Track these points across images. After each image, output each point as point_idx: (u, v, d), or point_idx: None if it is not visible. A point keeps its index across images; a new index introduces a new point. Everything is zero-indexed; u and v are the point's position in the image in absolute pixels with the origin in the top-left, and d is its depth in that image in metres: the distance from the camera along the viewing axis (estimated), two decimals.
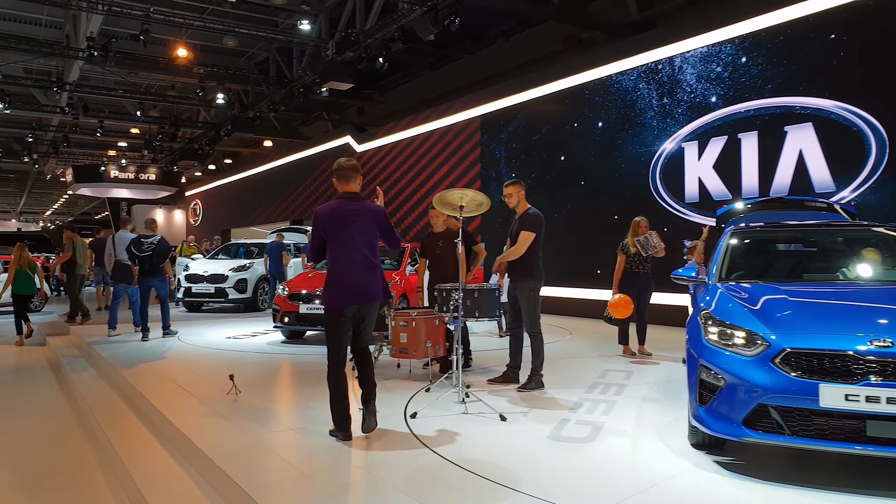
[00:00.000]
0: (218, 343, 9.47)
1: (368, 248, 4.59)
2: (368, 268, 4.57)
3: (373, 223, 4.62)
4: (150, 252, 9.63)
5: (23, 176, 41.16)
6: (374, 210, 4.69)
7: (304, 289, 9.17)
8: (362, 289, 4.54)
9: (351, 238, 4.51)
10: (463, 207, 5.59)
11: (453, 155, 16.09)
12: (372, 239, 4.63)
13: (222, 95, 19.77)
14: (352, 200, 4.64)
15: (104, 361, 8.13)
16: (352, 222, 4.54)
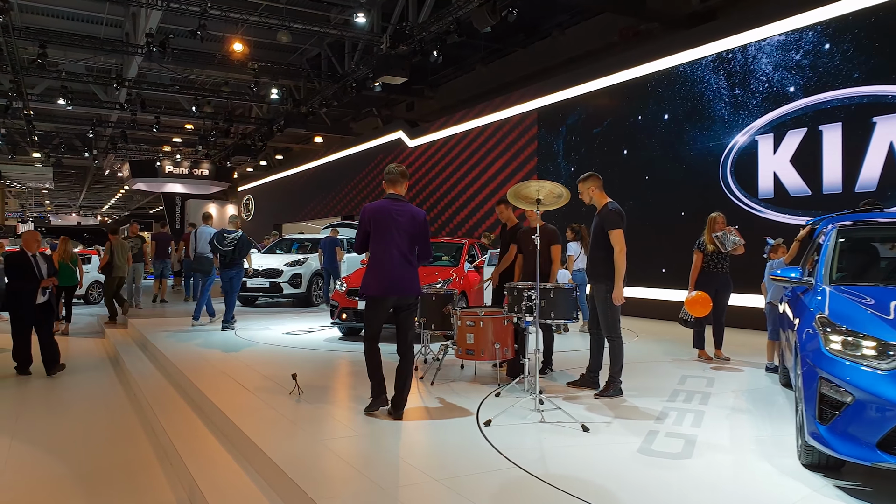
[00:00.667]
0: (275, 339, 9.29)
1: (407, 246, 4.97)
2: (405, 264, 4.96)
3: (412, 225, 4.99)
4: (231, 247, 10.01)
5: (83, 171, 42.25)
6: (415, 214, 5.05)
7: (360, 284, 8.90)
8: (398, 282, 4.94)
9: (391, 236, 4.92)
10: (540, 201, 5.20)
11: (509, 149, 15.69)
12: (410, 239, 4.99)
13: (276, 91, 19.73)
14: (397, 202, 5.05)
15: (162, 355, 8.01)
16: (394, 221, 4.94)
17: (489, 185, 16.30)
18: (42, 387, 7.39)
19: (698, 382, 6.38)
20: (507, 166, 15.68)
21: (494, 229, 15.69)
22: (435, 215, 18.41)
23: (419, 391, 5.89)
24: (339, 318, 8.95)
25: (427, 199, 18.81)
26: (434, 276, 9.03)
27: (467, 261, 10.03)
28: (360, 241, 5.08)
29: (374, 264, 5.01)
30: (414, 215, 5.03)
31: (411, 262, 5.02)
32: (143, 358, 8.70)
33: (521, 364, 5.72)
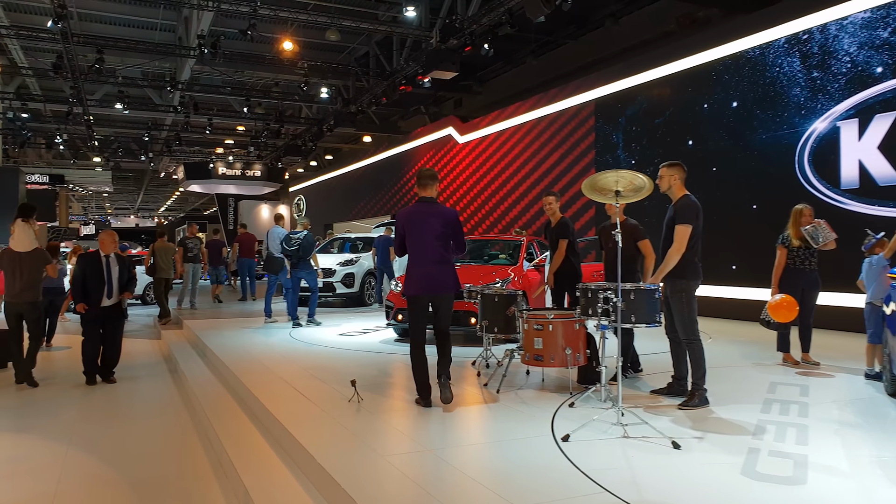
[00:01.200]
0: (329, 340, 8.99)
1: (441, 246, 5.22)
2: (441, 262, 5.22)
3: (444, 226, 5.23)
4: (296, 247, 10.24)
5: (140, 175, 43.17)
6: (445, 213, 5.31)
7: None
8: (434, 280, 5.21)
9: (425, 238, 5.19)
10: (619, 193, 4.71)
11: (564, 142, 15.13)
12: (444, 238, 5.23)
13: (326, 90, 19.57)
14: (427, 204, 5.33)
15: (216, 358, 7.79)
16: (426, 223, 5.21)
17: (544, 179, 15.77)
18: (98, 390, 7.24)
19: (790, 391, 5.79)
20: (563, 160, 15.13)
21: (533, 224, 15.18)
22: (486, 212, 17.96)
23: (485, 400, 5.47)
24: (394, 320, 8.61)
25: (478, 196, 18.37)
26: (491, 275, 8.59)
27: (526, 259, 9.56)
28: (399, 245, 5.39)
29: (411, 265, 5.30)
30: (445, 215, 5.30)
31: (447, 261, 5.28)
32: (198, 361, 8.51)
33: (597, 371, 5.25)
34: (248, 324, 11.16)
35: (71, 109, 22.08)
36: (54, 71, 18.73)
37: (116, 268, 7.42)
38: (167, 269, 12.23)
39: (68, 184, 34.47)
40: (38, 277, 7.57)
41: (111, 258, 7.43)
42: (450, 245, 5.29)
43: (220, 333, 9.82)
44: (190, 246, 13.22)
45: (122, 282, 7.48)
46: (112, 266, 7.40)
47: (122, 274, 7.46)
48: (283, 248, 10.43)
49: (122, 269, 7.50)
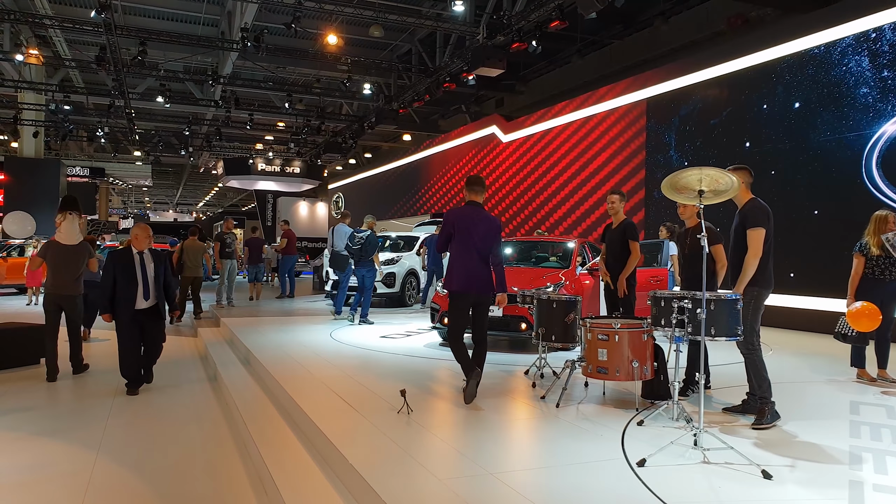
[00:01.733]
0: (372, 343, 8.69)
1: (485, 249, 5.51)
2: (483, 265, 5.50)
3: (489, 230, 5.53)
4: (360, 245, 10.38)
5: (179, 169, 43.63)
6: (492, 220, 5.65)
7: None
8: (478, 280, 5.47)
9: (472, 238, 5.45)
10: (703, 193, 4.30)
11: (614, 141, 14.65)
12: (487, 243, 5.51)
13: (368, 85, 19.33)
14: (476, 208, 5.62)
15: (255, 359, 7.53)
16: (475, 226, 5.49)
17: (591, 179, 15.30)
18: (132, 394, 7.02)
19: (876, 412, 5.31)
20: (612, 160, 14.64)
21: (599, 225, 14.69)
22: (530, 212, 17.54)
23: (544, 415, 5.10)
24: (440, 323, 8.26)
25: (521, 196, 17.96)
26: (542, 279, 8.22)
27: (579, 264, 9.14)
28: (444, 241, 5.59)
29: (456, 263, 5.52)
30: (491, 221, 5.62)
31: (487, 264, 5.53)
32: (236, 361, 8.27)
33: (666, 386, 4.86)
34: (287, 322, 10.94)
35: (112, 102, 22.23)
36: (97, 63, 18.79)
37: (151, 265, 6.70)
38: (196, 268, 12.16)
39: (108, 177, 34.88)
40: (82, 271, 7.43)
41: (145, 255, 6.70)
42: (489, 252, 5.53)
43: (258, 332, 9.59)
44: (228, 241, 13.07)
45: (159, 281, 6.75)
46: (147, 263, 6.68)
47: (157, 272, 6.73)
48: (348, 245, 10.54)
49: (158, 266, 6.77)
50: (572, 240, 9.61)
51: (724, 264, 5.68)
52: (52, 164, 27.26)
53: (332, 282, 13.55)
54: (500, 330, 7.96)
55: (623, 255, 6.59)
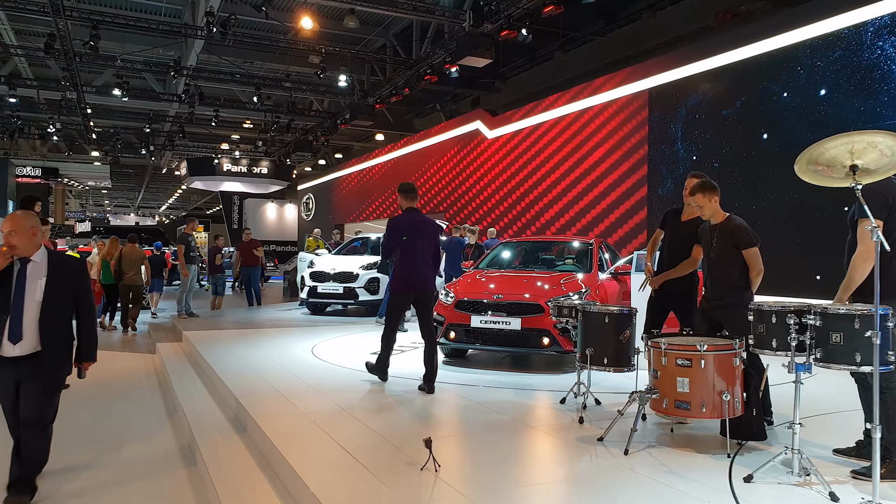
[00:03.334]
0: (360, 361, 7.35)
1: (429, 251, 5.97)
2: (428, 266, 5.96)
3: (431, 233, 6.04)
4: None
5: (141, 171, 41.53)
6: (432, 223, 6.18)
7: (477, 295, 6.90)
8: (422, 280, 5.90)
9: (417, 242, 5.87)
10: (858, 168, 3.09)
11: (612, 135, 13.51)
12: (431, 245, 6.00)
13: (344, 77, 17.96)
14: (417, 213, 6.12)
15: (224, 387, 6.14)
16: (419, 231, 5.94)
17: (587, 176, 14.13)
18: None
19: None
20: (611, 155, 13.50)
21: (596, 225, 13.54)
22: (519, 212, 16.32)
23: (612, 466, 3.83)
24: (444, 338, 6.96)
25: (509, 195, 16.73)
26: (559, 287, 6.94)
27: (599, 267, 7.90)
28: (391, 249, 5.99)
29: (403, 266, 5.90)
30: (431, 224, 6.18)
31: (431, 265, 6.01)
32: (200, 388, 6.86)
33: (761, 423, 3.68)
34: (258, 335, 9.53)
35: (64, 95, 20.44)
36: (45, 51, 17.16)
37: (40, 282, 3.69)
38: (135, 277, 11.40)
39: (63, 178, 32.75)
40: None
41: (32, 265, 3.70)
42: (433, 252, 6.04)
43: (226, 349, 8.18)
44: (192, 244, 11.59)
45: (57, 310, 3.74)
46: (31, 279, 3.68)
47: (51, 294, 3.70)
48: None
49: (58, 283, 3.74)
50: (588, 239, 8.39)
51: (761, 271, 4.52)
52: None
53: (307, 289, 12.14)
54: (518, 346, 6.71)
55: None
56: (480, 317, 6.67)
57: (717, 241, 4.59)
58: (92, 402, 6.58)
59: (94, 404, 6.53)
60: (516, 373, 6.80)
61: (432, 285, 6.02)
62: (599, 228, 13.58)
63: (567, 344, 6.42)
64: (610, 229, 13.26)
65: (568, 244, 8.61)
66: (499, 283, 7.11)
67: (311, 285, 12.04)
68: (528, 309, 6.58)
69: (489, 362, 7.44)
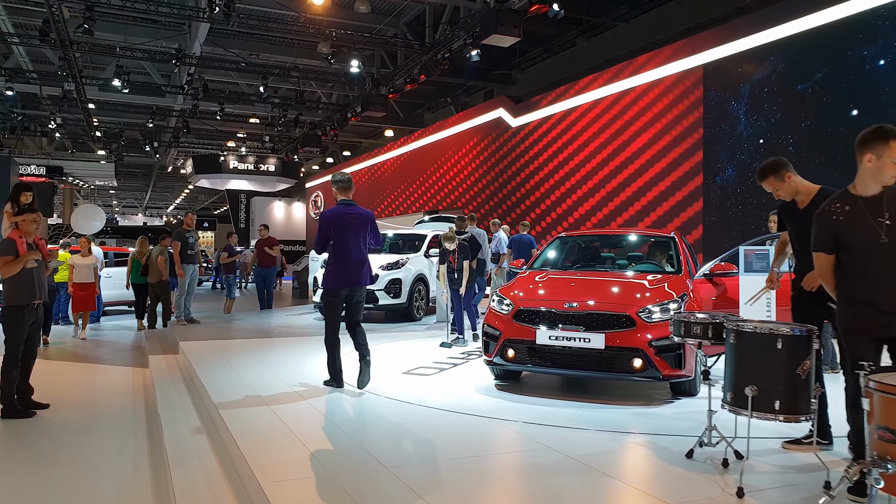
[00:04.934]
0: (395, 385, 5.74)
1: (361, 243, 5.60)
2: (361, 260, 5.56)
3: (363, 225, 5.61)
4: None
5: (147, 170, 40.05)
6: (366, 214, 5.71)
7: (544, 303, 5.27)
8: (355, 275, 5.53)
9: (348, 237, 5.51)
10: None
11: (659, 118, 11.87)
12: (364, 237, 5.62)
13: (356, 63, 16.32)
14: (350, 206, 5.67)
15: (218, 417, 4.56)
16: (350, 223, 5.56)
17: (630, 164, 12.49)
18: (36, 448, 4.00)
19: None
20: (658, 140, 11.85)
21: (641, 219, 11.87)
22: (549, 205, 14.67)
23: None
24: (500, 356, 5.32)
25: (539, 186, 15.05)
26: (651, 292, 5.27)
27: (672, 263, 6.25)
28: (322, 244, 5.59)
29: (334, 262, 5.52)
30: (365, 216, 5.67)
31: (365, 259, 5.59)
32: (192, 417, 5.26)
33: None
34: (267, 347, 7.93)
35: (63, 87, 18.90)
36: (41, 38, 15.67)
37: None
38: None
39: (67, 176, 31.22)
40: None
41: None
42: (367, 243, 5.63)
43: (227, 365, 6.60)
44: (190, 241, 9.99)
45: None
46: None
47: None
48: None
49: None
50: (667, 232, 6.75)
51: None
52: (1, 162, 23.72)
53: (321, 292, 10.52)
54: (599, 370, 5.06)
55: None
56: (549, 331, 5.05)
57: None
58: (62, 431, 5.21)
59: (65, 434, 5.11)
60: (588, 402, 5.16)
61: (365, 280, 5.59)
62: (645, 223, 11.93)
63: (665, 367, 4.81)
64: (658, 224, 11.62)
65: (642, 238, 6.92)
66: (570, 288, 5.48)
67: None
68: (612, 321, 4.96)
69: (548, 387, 5.83)
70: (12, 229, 5.71)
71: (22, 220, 5.72)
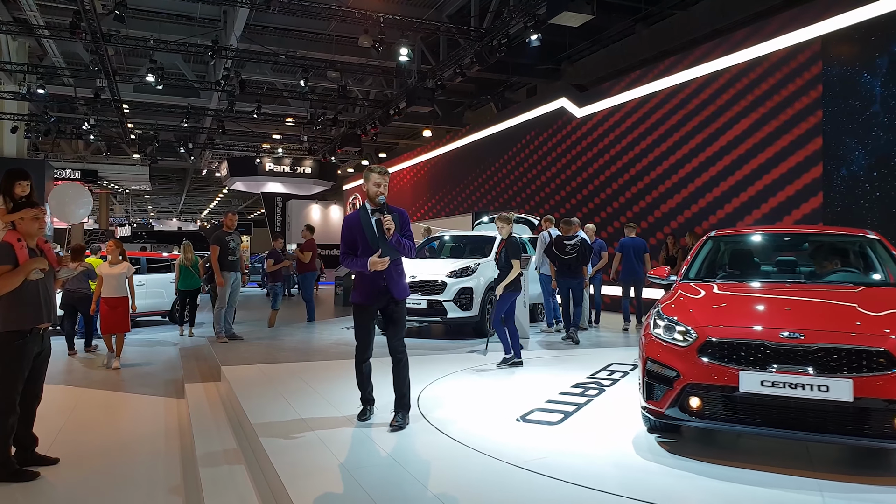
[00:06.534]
0: (501, 433, 4.13)
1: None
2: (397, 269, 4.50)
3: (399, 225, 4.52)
4: (574, 253, 8.53)
5: (182, 174, 39.07)
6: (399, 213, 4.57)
7: (749, 332, 3.60)
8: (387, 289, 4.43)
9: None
10: None
11: (763, 101, 10.11)
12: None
13: (406, 50, 14.77)
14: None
15: (278, 484, 3.01)
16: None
17: (727, 154, 10.72)
18: None
19: None
20: (762, 126, 10.08)
21: (740, 216, 10.10)
22: (625, 202, 12.92)
23: None
24: (679, 408, 3.66)
25: (612, 181, 13.29)
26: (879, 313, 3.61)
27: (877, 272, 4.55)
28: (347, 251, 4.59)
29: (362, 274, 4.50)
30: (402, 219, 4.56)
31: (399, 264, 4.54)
32: (243, 478, 3.72)
33: None
34: (321, 374, 6.36)
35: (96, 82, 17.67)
36: (71, 31, 14.40)
37: None
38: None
39: (102, 180, 30.23)
40: None
41: None
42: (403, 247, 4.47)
43: (282, 400, 5.07)
44: (231, 245, 8.46)
45: None
46: None
47: None
48: (555, 254, 8.70)
49: None
50: (863, 232, 5.00)
51: None
52: (36, 166, 22.69)
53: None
54: (843, 433, 3.36)
55: None
56: (760, 374, 3.39)
57: None
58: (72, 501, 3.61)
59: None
60: (828, 478, 3.49)
61: (404, 292, 4.56)
62: (746, 222, 10.19)
63: None
64: (763, 223, 9.85)
65: (835, 239, 5.16)
66: (779, 310, 3.81)
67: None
68: (860, 360, 3.29)
69: (746, 447, 4.16)
70: (7, 230, 4.23)
71: (20, 217, 4.24)
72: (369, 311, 4.47)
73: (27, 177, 4.48)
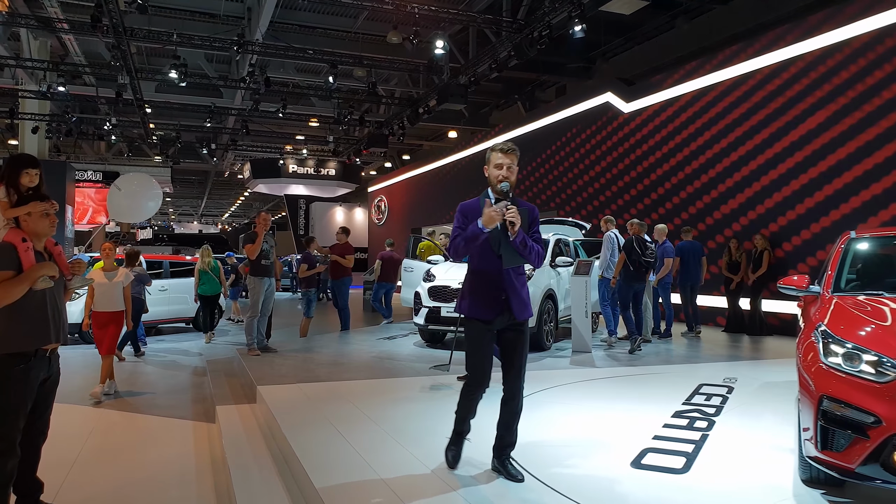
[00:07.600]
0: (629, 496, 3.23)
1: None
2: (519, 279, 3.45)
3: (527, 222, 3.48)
4: (652, 258, 8.14)
5: (203, 177, 38.52)
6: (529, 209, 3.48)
7: None
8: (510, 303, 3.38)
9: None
10: None
11: (840, 93, 9.13)
12: None
13: (442, 43, 13.94)
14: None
15: None
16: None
17: (794, 153, 9.77)
18: None
19: None
20: (841, 119, 9.08)
21: (817, 216, 9.10)
22: (681, 201, 11.96)
23: None
24: (877, 462, 2.75)
25: (666, 179, 12.29)
26: None
27: None
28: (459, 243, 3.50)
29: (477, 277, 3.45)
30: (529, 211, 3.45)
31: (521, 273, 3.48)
32: None
33: None
34: (376, 394, 5.48)
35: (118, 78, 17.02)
36: (92, 25, 13.74)
37: None
38: None
39: None
40: None
41: None
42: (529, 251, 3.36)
43: (331, 430, 4.22)
44: (264, 248, 7.60)
45: None
46: None
47: None
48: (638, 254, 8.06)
49: None
50: None
51: None
52: (57, 167, 22.15)
53: (425, 311, 8.09)
54: None
55: None
56: None
57: None
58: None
59: None
60: None
61: (527, 311, 3.42)
62: (822, 224, 9.21)
63: None
64: (839, 226, 8.80)
65: None
66: None
67: (432, 306, 8.01)
68: None
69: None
70: (10, 228, 3.39)
71: (27, 213, 3.40)
72: (487, 328, 3.37)
73: (36, 164, 3.64)
